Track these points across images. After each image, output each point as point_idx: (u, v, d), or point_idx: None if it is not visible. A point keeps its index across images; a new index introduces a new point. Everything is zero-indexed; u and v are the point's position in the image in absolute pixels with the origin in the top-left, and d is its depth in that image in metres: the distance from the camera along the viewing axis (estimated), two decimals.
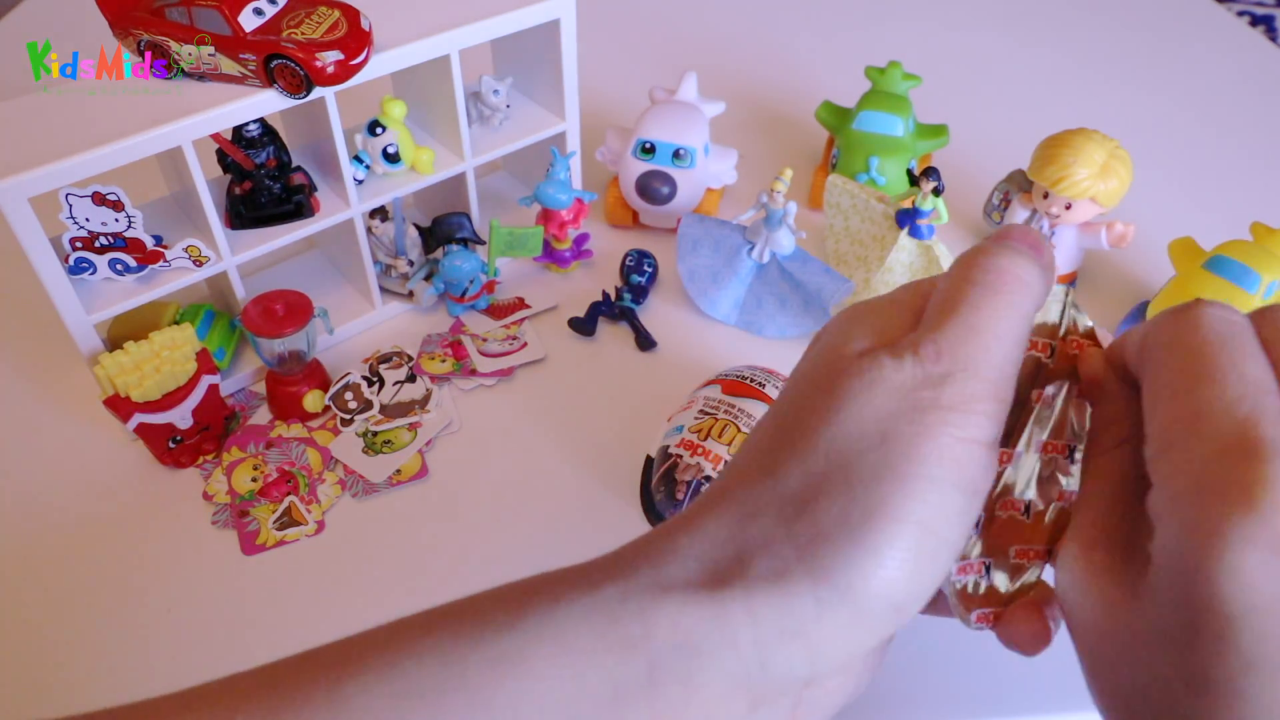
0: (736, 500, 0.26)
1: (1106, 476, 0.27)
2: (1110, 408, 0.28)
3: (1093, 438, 0.29)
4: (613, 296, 0.65)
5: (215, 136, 0.54)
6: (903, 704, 0.45)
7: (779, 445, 0.27)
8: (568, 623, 0.24)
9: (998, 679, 0.46)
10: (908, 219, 0.61)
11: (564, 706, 0.23)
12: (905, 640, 0.47)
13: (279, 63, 0.51)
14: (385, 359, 0.62)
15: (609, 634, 0.23)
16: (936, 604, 0.30)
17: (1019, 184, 0.67)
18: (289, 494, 0.54)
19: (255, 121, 0.56)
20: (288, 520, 0.53)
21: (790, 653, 0.24)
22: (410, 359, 0.62)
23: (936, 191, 0.59)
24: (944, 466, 0.24)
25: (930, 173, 0.59)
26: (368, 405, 0.58)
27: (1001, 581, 0.30)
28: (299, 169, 0.59)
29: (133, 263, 0.53)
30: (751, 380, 0.53)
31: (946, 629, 0.47)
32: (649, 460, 0.53)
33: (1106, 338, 0.31)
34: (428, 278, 0.65)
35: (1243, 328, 0.25)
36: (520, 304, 0.66)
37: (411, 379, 0.60)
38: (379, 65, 0.54)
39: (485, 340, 0.63)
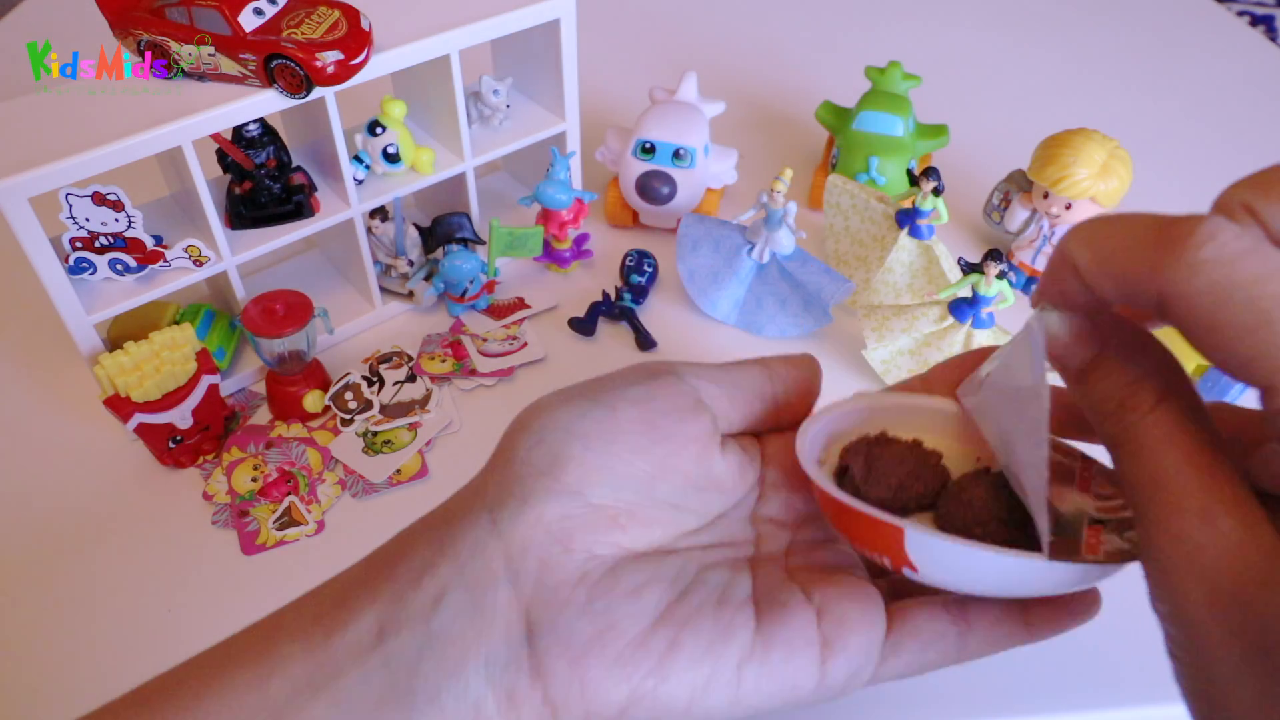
0: None
1: (1178, 436, 0.23)
2: (1119, 374, 0.25)
3: (1113, 407, 0.25)
4: (613, 296, 0.65)
5: (215, 136, 0.54)
6: (903, 704, 0.45)
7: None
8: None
9: (998, 679, 0.46)
10: (908, 219, 0.61)
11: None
12: None
13: (279, 63, 0.51)
14: (385, 359, 0.62)
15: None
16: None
17: (1019, 184, 0.67)
18: (289, 494, 0.54)
19: (255, 121, 0.56)
20: (288, 520, 0.53)
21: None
22: (410, 359, 0.62)
23: (936, 191, 0.59)
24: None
25: (930, 173, 0.59)
26: (368, 405, 0.58)
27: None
28: (299, 169, 0.59)
29: (133, 263, 0.53)
30: None
31: None
32: None
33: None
34: (428, 278, 0.65)
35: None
36: (520, 304, 0.66)
37: (411, 379, 0.60)
38: (379, 65, 0.54)
39: (485, 340, 0.63)
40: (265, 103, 0.52)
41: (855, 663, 0.28)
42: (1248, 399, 0.59)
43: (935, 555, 0.27)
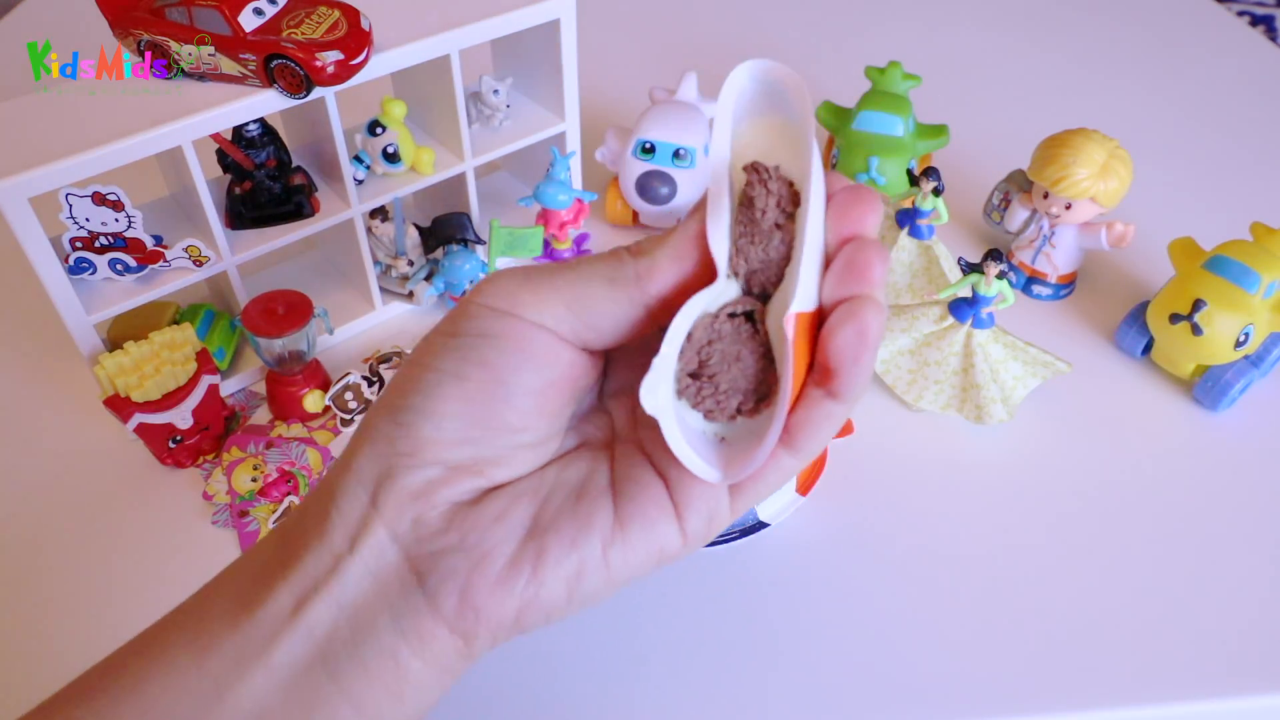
0: None
1: None
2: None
3: None
4: None
5: (215, 136, 0.54)
6: (903, 704, 0.45)
7: None
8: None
9: (998, 679, 0.46)
10: (908, 219, 0.61)
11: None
12: (906, 639, 0.47)
13: (279, 63, 0.51)
14: (385, 359, 0.62)
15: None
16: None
17: (1019, 184, 0.67)
18: (289, 494, 0.54)
19: (255, 121, 0.56)
20: None
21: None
22: None
23: (936, 191, 0.59)
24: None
25: (930, 173, 0.59)
26: (367, 405, 0.58)
27: None
28: (299, 169, 0.59)
29: (133, 263, 0.53)
30: None
31: (945, 628, 0.47)
32: None
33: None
34: (428, 278, 0.65)
35: None
36: None
37: None
38: (379, 65, 0.54)
39: None
40: (265, 103, 0.52)
41: (706, 513, 0.31)
42: (1248, 400, 0.59)
43: None
